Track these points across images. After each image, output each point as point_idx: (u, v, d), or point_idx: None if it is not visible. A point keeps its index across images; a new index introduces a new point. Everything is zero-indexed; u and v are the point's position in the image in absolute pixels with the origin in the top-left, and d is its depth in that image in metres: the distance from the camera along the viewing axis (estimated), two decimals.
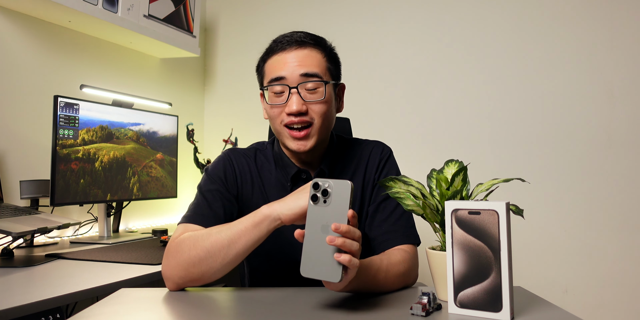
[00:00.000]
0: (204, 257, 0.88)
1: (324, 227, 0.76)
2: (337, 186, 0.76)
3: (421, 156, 2.20)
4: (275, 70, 1.02)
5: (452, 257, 0.76)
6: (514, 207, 0.80)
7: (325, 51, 1.06)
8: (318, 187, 0.77)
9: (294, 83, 1.00)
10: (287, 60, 1.01)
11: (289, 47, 1.02)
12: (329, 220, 0.75)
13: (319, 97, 1.02)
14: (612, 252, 1.93)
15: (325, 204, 0.76)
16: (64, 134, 1.60)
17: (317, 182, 0.77)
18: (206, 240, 0.89)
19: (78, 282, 1.08)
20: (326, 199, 0.76)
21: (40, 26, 1.80)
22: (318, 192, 0.77)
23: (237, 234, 0.88)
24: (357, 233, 0.76)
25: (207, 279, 0.91)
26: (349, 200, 0.75)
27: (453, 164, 0.88)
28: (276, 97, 1.02)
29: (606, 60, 1.97)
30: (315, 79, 1.01)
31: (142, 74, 2.30)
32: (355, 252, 0.75)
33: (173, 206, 2.43)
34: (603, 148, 1.95)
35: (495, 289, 0.73)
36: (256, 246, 0.89)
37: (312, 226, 0.77)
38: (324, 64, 1.04)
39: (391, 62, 2.30)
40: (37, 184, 1.65)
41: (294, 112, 0.99)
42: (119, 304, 0.84)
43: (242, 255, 0.89)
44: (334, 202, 0.76)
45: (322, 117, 1.02)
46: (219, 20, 2.71)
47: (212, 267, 0.89)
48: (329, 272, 0.74)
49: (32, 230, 1.32)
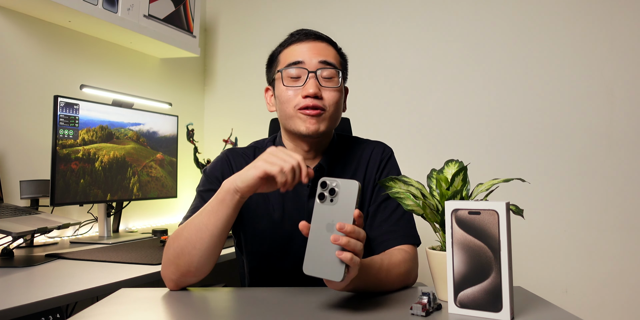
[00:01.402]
0: (184, 246, 0.90)
1: (329, 226, 0.76)
2: (344, 186, 0.76)
3: (421, 156, 2.20)
4: (294, 55, 1.05)
5: (452, 257, 0.76)
6: (514, 207, 0.80)
7: (337, 50, 1.11)
8: (326, 186, 0.77)
9: (312, 67, 1.03)
10: (305, 48, 1.05)
11: (306, 39, 1.07)
12: (334, 219, 0.76)
13: (334, 84, 1.05)
14: (612, 251, 1.93)
15: (332, 202, 0.76)
16: (64, 134, 1.60)
17: (325, 180, 0.77)
18: (184, 229, 0.91)
19: (78, 282, 1.08)
20: (333, 198, 0.76)
21: (40, 26, 1.80)
22: (325, 191, 0.77)
23: (206, 215, 0.89)
24: (362, 233, 0.76)
25: (195, 269, 0.91)
26: (356, 200, 0.75)
27: (453, 164, 0.88)
28: (292, 81, 1.05)
29: (606, 60, 1.97)
30: (332, 67, 1.05)
31: (142, 74, 2.30)
32: (359, 252, 0.75)
33: (173, 206, 2.43)
34: (603, 148, 1.95)
35: (495, 289, 0.72)
36: (229, 225, 0.90)
37: (317, 224, 0.77)
38: (338, 58, 1.09)
39: (391, 62, 2.30)
40: (37, 184, 1.65)
41: (310, 94, 1.01)
42: (119, 304, 0.84)
43: (218, 237, 0.90)
44: (340, 201, 0.76)
45: (334, 106, 1.05)
46: (219, 20, 2.71)
47: (194, 255, 0.90)
48: (332, 271, 0.74)
49: (32, 230, 1.32)
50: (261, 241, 1.11)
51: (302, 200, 1.09)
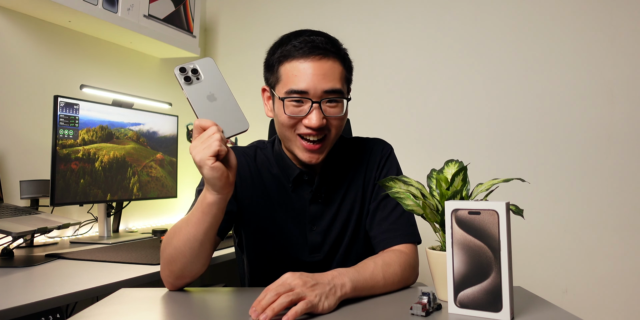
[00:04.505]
0: (175, 255, 0.90)
1: (210, 97, 0.83)
2: (202, 63, 0.84)
3: (421, 156, 2.20)
4: (297, 81, 0.97)
5: (452, 257, 0.76)
6: (514, 207, 0.80)
7: (344, 61, 1.03)
8: (185, 70, 0.83)
9: (317, 97, 0.97)
10: (310, 71, 0.97)
11: (311, 55, 0.97)
12: (211, 90, 0.83)
13: (338, 113, 1.01)
14: (612, 251, 1.93)
15: (199, 80, 0.83)
16: (64, 134, 1.60)
17: (182, 66, 0.83)
18: (173, 237, 0.91)
19: (78, 282, 1.08)
20: (199, 76, 0.83)
21: (40, 26, 1.80)
22: (187, 74, 0.83)
23: (193, 226, 0.88)
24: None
25: (189, 272, 0.92)
26: (219, 71, 0.84)
27: (453, 164, 0.88)
28: (294, 107, 0.98)
29: (606, 60, 1.96)
30: (338, 95, 0.99)
31: (142, 74, 2.30)
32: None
33: (173, 206, 2.43)
34: (603, 148, 1.95)
35: (495, 289, 0.73)
36: (217, 225, 0.89)
37: (199, 103, 0.82)
38: (344, 77, 1.02)
39: (391, 62, 2.30)
40: (37, 184, 1.65)
41: (314, 126, 0.97)
42: (119, 304, 0.84)
43: (208, 241, 0.90)
44: (206, 75, 0.83)
45: (337, 130, 1.03)
46: (219, 20, 2.71)
47: (186, 262, 0.90)
48: (239, 124, 0.82)
49: (32, 230, 1.32)
50: (263, 241, 1.11)
51: (305, 203, 1.09)
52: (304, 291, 0.76)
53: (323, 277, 0.82)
